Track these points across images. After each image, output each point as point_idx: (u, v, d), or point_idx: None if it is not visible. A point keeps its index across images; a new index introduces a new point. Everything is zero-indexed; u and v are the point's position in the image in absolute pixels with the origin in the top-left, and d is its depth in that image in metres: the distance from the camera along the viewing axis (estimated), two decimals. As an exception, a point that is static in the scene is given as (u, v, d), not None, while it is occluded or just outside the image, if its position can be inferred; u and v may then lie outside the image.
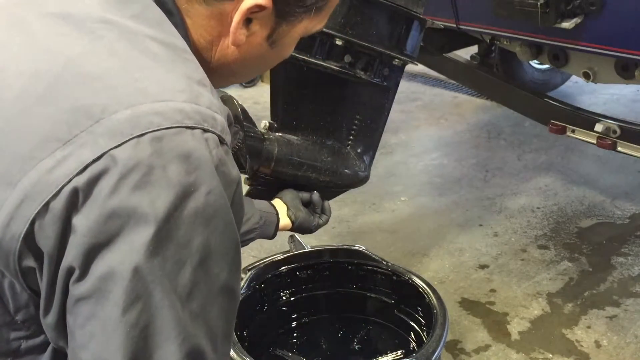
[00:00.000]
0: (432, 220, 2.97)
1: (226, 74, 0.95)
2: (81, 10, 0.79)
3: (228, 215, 0.74)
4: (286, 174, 1.49)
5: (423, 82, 4.70)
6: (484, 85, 3.25)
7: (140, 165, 0.67)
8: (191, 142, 0.70)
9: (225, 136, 0.75)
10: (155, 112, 0.69)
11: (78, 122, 0.68)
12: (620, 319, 2.30)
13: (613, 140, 2.41)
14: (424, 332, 1.59)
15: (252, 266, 1.65)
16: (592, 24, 2.18)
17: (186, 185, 0.69)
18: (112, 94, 0.70)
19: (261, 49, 0.92)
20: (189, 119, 0.71)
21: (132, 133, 0.67)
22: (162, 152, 0.68)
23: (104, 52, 0.74)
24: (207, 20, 0.86)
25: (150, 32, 0.78)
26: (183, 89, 0.73)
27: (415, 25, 1.53)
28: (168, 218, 0.67)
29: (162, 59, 0.76)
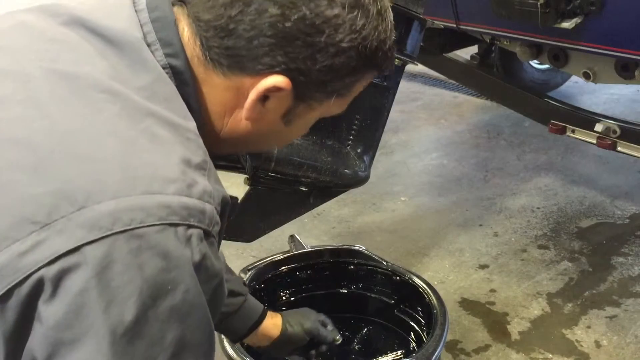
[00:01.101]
0: (432, 220, 2.97)
1: (236, 143, 0.93)
2: (89, 73, 0.76)
3: (204, 310, 0.73)
4: (286, 174, 1.49)
5: (423, 82, 4.70)
6: (484, 85, 3.25)
7: (115, 263, 0.65)
8: (172, 241, 0.68)
9: (212, 227, 0.74)
10: (139, 207, 0.67)
11: (59, 206, 0.66)
12: (620, 319, 2.30)
13: (613, 140, 2.40)
14: (424, 332, 1.59)
15: (252, 266, 1.65)
16: (592, 24, 2.18)
17: (162, 284, 0.67)
18: (100, 181, 0.68)
19: (275, 126, 0.90)
20: (175, 214, 0.69)
21: (111, 229, 0.65)
22: (140, 251, 0.66)
23: (102, 130, 0.71)
24: (223, 91, 0.85)
25: (155, 109, 0.76)
26: (175, 178, 0.71)
27: (415, 25, 1.53)
28: (139, 318, 0.66)
29: (162, 141, 0.73)
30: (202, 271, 0.71)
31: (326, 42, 0.81)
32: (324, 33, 0.80)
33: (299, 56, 0.81)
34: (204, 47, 0.82)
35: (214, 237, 0.75)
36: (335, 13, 0.80)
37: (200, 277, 0.71)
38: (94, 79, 0.75)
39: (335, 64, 0.83)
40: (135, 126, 0.73)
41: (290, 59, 0.81)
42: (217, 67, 0.83)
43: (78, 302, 0.64)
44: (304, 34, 0.80)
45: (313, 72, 0.83)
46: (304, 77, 0.83)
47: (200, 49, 0.83)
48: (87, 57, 0.77)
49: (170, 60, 0.81)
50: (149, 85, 0.77)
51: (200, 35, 0.82)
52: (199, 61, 0.83)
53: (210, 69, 0.83)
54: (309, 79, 0.83)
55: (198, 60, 0.83)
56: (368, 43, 0.84)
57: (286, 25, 0.79)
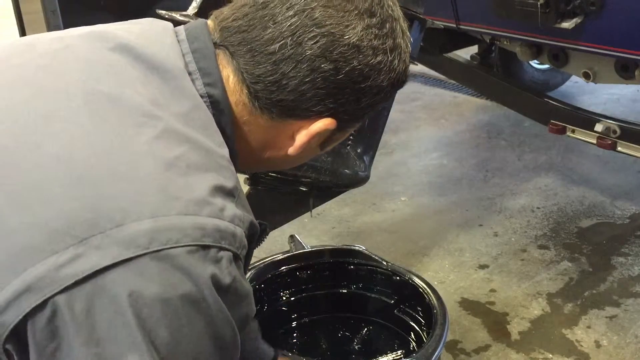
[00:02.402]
0: (432, 220, 2.97)
1: (271, 166, 1.01)
2: (131, 97, 0.78)
3: (234, 332, 0.77)
4: (286, 174, 1.49)
5: (423, 82, 4.70)
6: (484, 85, 3.25)
7: (150, 282, 0.67)
8: (203, 262, 0.71)
9: (241, 251, 0.77)
10: (176, 227, 0.70)
11: (98, 223, 0.68)
12: (620, 319, 2.30)
13: (613, 140, 2.40)
14: (424, 332, 1.59)
15: (252, 266, 1.65)
16: (592, 24, 2.18)
17: (195, 302, 0.70)
18: (138, 201, 0.70)
19: (312, 152, 0.96)
20: (208, 236, 0.72)
21: (148, 247, 0.68)
22: (173, 270, 0.69)
23: (141, 151, 0.74)
24: (268, 129, 0.89)
25: (192, 135, 0.78)
26: (209, 202, 0.74)
27: (415, 25, 1.53)
28: (174, 335, 0.69)
29: (197, 166, 0.76)
30: (231, 293, 0.74)
31: (371, 85, 0.88)
32: (369, 78, 0.88)
33: (347, 101, 0.88)
34: (251, 96, 0.86)
35: (242, 260, 0.78)
36: (379, 60, 0.87)
37: (230, 298, 0.74)
38: (135, 103, 0.78)
39: (376, 100, 0.92)
40: (173, 150, 0.75)
41: (340, 104, 0.88)
42: (265, 114, 0.87)
43: (117, 320, 0.66)
44: (352, 83, 0.86)
45: (357, 110, 0.91)
46: (348, 115, 0.91)
47: (248, 97, 0.86)
48: (130, 82, 0.80)
49: (208, 89, 0.84)
50: (188, 112, 0.80)
51: (248, 85, 0.85)
52: (245, 107, 0.87)
53: (257, 114, 0.87)
54: (352, 116, 0.92)
55: (243, 106, 0.87)
56: (400, 76, 0.93)
57: (338, 78, 0.85)
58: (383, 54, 0.87)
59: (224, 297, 0.73)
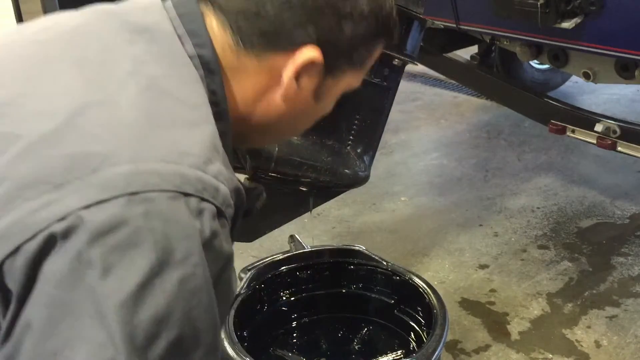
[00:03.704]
0: (432, 220, 2.97)
1: (268, 130, 0.96)
2: (116, 58, 0.79)
3: (211, 293, 0.70)
4: (286, 174, 1.49)
5: (423, 82, 4.70)
6: (484, 85, 3.25)
7: (125, 224, 0.64)
8: (183, 210, 0.67)
9: (225, 208, 0.73)
10: (155, 172, 0.67)
11: (75, 168, 0.66)
12: (620, 319, 2.30)
13: (613, 140, 2.40)
14: (424, 332, 1.59)
15: (252, 266, 1.65)
16: (592, 24, 2.18)
17: (171, 252, 0.65)
18: (118, 146, 0.68)
19: (306, 103, 0.93)
20: (189, 185, 0.68)
21: (125, 190, 0.65)
22: (151, 215, 0.65)
23: (125, 103, 0.73)
24: (257, 75, 0.88)
25: (178, 91, 0.78)
26: (193, 154, 0.71)
27: (415, 25, 1.53)
28: (144, 284, 0.64)
29: (183, 119, 0.75)
30: (210, 250, 0.69)
31: (350, 9, 0.86)
32: (348, 0, 0.86)
33: (328, 26, 0.86)
34: (234, 33, 0.85)
35: (227, 219, 0.74)
36: None
37: (208, 255, 0.69)
38: (119, 63, 0.78)
39: (359, 30, 0.88)
40: (159, 103, 0.75)
41: (321, 30, 0.85)
42: (249, 51, 0.86)
43: (83, 260, 0.63)
44: (331, 5, 0.85)
45: (341, 41, 0.88)
46: (333, 48, 0.87)
47: (231, 36, 0.85)
48: (117, 45, 0.80)
49: (198, 50, 0.83)
50: (175, 71, 0.80)
51: (229, 23, 0.85)
52: (231, 49, 0.86)
53: (243, 54, 0.86)
54: (338, 49, 0.88)
55: (230, 48, 0.86)
56: (383, 11, 0.92)
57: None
58: None
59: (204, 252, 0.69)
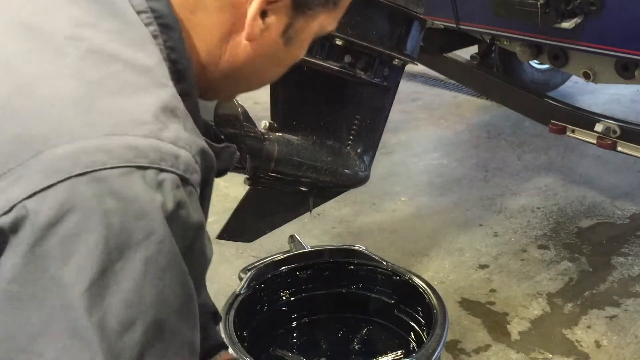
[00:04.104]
0: (432, 220, 2.97)
1: (236, 77, 0.89)
2: (55, 21, 0.71)
3: (182, 267, 0.66)
4: (286, 174, 1.49)
5: (423, 82, 4.70)
6: (484, 85, 3.25)
7: (76, 209, 0.59)
8: (140, 185, 0.62)
9: (190, 175, 0.67)
10: (102, 148, 0.61)
11: (16, 154, 0.61)
12: (620, 319, 2.30)
13: (613, 140, 2.40)
14: (424, 332, 1.59)
15: (252, 266, 1.65)
16: (592, 24, 2.18)
17: (130, 232, 0.61)
18: (58, 125, 0.62)
19: (275, 46, 0.86)
20: (143, 157, 0.62)
21: (70, 171, 0.60)
22: (103, 195, 0.60)
23: (65, 73, 0.66)
24: (218, 14, 0.80)
25: (125, 53, 0.70)
26: (145, 121, 0.65)
27: (415, 25, 1.53)
28: (105, 271, 0.60)
29: (130, 85, 0.68)
30: (176, 222, 0.64)
31: None
32: None
33: None
34: None
35: (193, 186, 0.68)
36: None
37: (174, 227, 0.64)
38: (58, 26, 0.71)
39: None
40: (102, 69, 0.68)
41: None
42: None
43: (37, 252, 0.59)
44: None
45: None
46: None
47: None
48: (53, 6, 0.73)
49: (150, 3, 0.75)
50: (119, 30, 0.72)
51: None
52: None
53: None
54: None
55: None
56: None
57: None
58: None
59: (169, 225, 0.64)
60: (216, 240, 1.67)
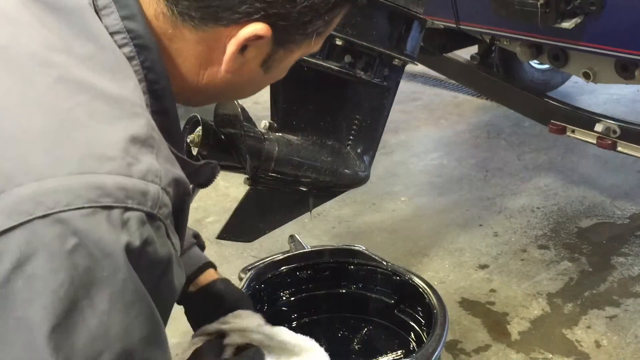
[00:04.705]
0: (432, 220, 2.97)
1: (214, 95, 0.89)
2: (25, 46, 0.69)
3: (148, 302, 0.66)
4: (286, 174, 1.49)
5: (423, 82, 4.70)
6: (484, 85, 3.25)
7: (39, 252, 0.59)
8: (103, 225, 0.61)
9: (158, 210, 0.66)
10: (66, 188, 0.60)
11: None
12: (620, 319, 2.30)
13: (613, 140, 2.40)
14: (424, 332, 1.59)
15: (252, 266, 1.65)
16: (592, 24, 2.18)
17: (94, 271, 0.60)
18: (22, 162, 0.61)
19: (254, 74, 0.85)
20: (108, 196, 0.62)
21: (33, 213, 0.59)
22: (65, 237, 0.59)
23: (32, 104, 0.64)
24: (196, 45, 0.79)
25: (96, 81, 0.68)
26: (112, 157, 0.64)
27: (415, 25, 1.53)
28: (71, 309, 0.59)
29: (101, 116, 0.66)
30: (142, 258, 0.64)
31: None
32: None
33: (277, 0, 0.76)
34: (169, 1, 0.76)
35: (161, 220, 0.67)
36: None
37: (141, 264, 0.64)
38: (28, 51, 0.68)
39: (315, 2, 0.78)
40: (71, 99, 0.66)
41: (269, 3, 0.75)
42: (186, 21, 0.77)
43: (2, 293, 0.58)
44: None
45: (293, 14, 0.77)
46: (283, 21, 0.78)
47: (165, 4, 0.76)
48: (25, 28, 0.70)
49: (127, 23, 0.74)
50: (92, 55, 0.70)
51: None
52: (165, 17, 0.77)
53: (179, 24, 0.77)
54: (289, 22, 0.78)
55: (164, 17, 0.77)
56: None
57: None
58: None
59: (135, 263, 0.63)
60: (216, 240, 1.68)
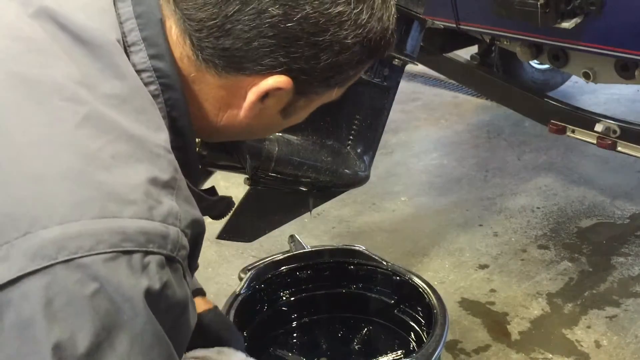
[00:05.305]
0: (432, 220, 2.97)
1: (231, 135, 0.91)
2: (53, 78, 0.69)
3: (167, 343, 0.68)
4: (286, 174, 1.49)
5: (423, 82, 4.70)
6: (484, 85, 3.25)
7: (60, 295, 0.60)
8: (124, 270, 0.62)
9: (177, 253, 0.68)
10: (88, 233, 0.61)
11: (3, 231, 0.61)
12: (620, 319, 2.30)
13: (613, 140, 2.40)
14: (424, 332, 1.59)
15: (252, 266, 1.65)
16: (592, 24, 2.18)
17: (116, 314, 0.62)
18: (48, 203, 0.62)
19: (273, 120, 0.87)
20: (129, 241, 0.63)
21: (56, 257, 0.60)
22: (86, 282, 0.61)
23: (59, 143, 0.65)
24: (217, 89, 0.81)
25: (122, 121, 0.69)
26: (135, 200, 0.65)
27: (415, 25, 1.53)
28: (92, 351, 0.61)
29: (125, 157, 0.67)
30: (162, 300, 0.66)
31: (330, 40, 0.77)
32: (328, 32, 0.77)
33: (301, 56, 0.77)
34: (195, 47, 0.78)
35: (180, 262, 0.69)
36: (340, 10, 0.77)
37: (160, 307, 0.66)
38: (57, 84, 0.69)
39: (339, 60, 0.80)
40: (96, 140, 0.67)
41: (293, 59, 0.77)
42: (210, 67, 0.79)
43: (25, 336, 0.59)
44: (307, 34, 0.76)
45: (316, 70, 0.80)
46: (306, 75, 0.80)
47: (191, 49, 0.78)
48: (54, 59, 0.71)
49: (154, 62, 0.76)
50: (119, 94, 0.71)
51: (190, 34, 0.78)
52: (190, 60, 0.79)
53: (203, 68, 0.80)
54: (312, 77, 0.81)
55: (188, 60, 0.80)
56: (372, 36, 0.81)
57: (288, 25, 0.75)
58: (345, 4, 0.76)
59: (154, 306, 0.65)
60: (216, 241, 1.67)
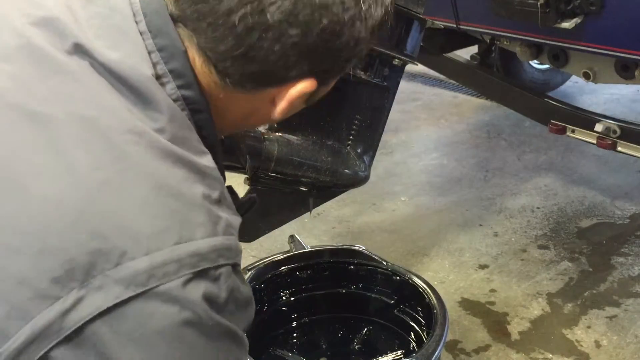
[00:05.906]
0: (432, 220, 2.97)
1: (249, 126, 1.02)
2: (109, 115, 0.74)
3: (244, 343, 0.79)
4: (286, 174, 1.49)
5: (423, 82, 4.70)
6: (484, 85, 3.25)
7: (153, 319, 0.69)
8: (203, 286, 0.71)
9: (237, 257, 0.77)
10: (172, 259, 0.70)
11: (96, 264, 0.68)
12: (620, 319, 2.30)
13: (613, 140, 2.40)
14: (424, 332, 1.59)
15: (252, 266, 1.65)
16: (592, 24, 2.18)
17: (199, 328, 0.71)
18: (133, 236, 0.70)
19: (297, 109, 0.93)
20: (205, 260, 0.72)
21: (147, 284, 0.68)
22: (173, 303, 0.70)
23: (127, 180, 0.72)
24: (246, 103, 0.88)
25: (174, 149, 0.76)
26: (202, 222, 0.74)
27: (415, 25, 1.53)
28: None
29: (184, 181, 0.75)
30: (230, 304, 0.75)
31: (347, 40, 0.83)
32: (344, 35, 0.82)
33: (323, 61, 0.84)
34: (221, 74, 0.83)
35: (239, 264, 0.78)
36: (351, 14, 0.81)
37: (230, 308, 0.75)
38: (115, 120, 0.74)
39: (356, 51, 0.86)
40: (160, 168, 0.74)
41: (316, 65, 0.84)
42: (239, 89, 0.84)
43: (121, 356, 0.68)
44: (325, 42, 0.81)
45: (337, 65, 0.87)
46: (328, 72, 0.88)
47: (218, 77, 0.83)
48: (103, 97, 0.76)
49: (183, 92, 0.81)
50: (165, 126, 0.77)
51: (214, 64, 0.82)
52: (217, 85, 0.84)
53: (230, 89, 0.84)
54: (333, 71, 0.89)
55: (215, 85, 0.84)
56: (378, 20, 0.87)
57: (309, 41, 0.80)
58: (355, 6, 0.81)
59: (222, 310, 0.74)
60: (216, 240, 1.67)
